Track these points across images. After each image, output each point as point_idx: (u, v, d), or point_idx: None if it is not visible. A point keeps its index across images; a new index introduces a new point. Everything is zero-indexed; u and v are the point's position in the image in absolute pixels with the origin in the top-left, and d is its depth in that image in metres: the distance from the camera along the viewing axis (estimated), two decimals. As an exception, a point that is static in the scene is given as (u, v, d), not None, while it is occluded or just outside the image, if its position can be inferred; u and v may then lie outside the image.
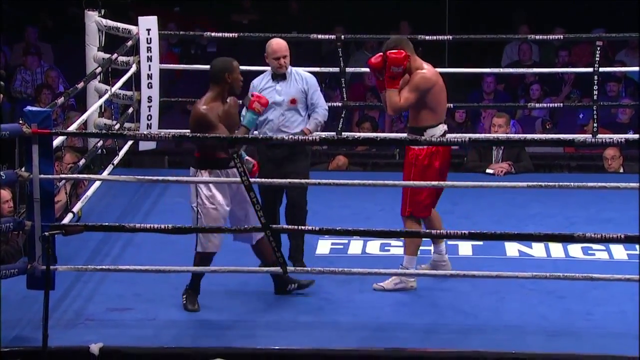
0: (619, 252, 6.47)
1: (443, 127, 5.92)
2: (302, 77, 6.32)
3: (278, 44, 6.30)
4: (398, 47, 5.84)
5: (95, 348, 5.08)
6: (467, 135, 8.11)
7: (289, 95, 6.26)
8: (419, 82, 5.83)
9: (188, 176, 5.73)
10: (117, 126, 8.06)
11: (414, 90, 5.83)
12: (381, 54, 5.87)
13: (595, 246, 6.52)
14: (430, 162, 5.87)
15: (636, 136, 8.49)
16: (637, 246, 6.34)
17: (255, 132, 6.36)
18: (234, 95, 5.70)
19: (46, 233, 5.12)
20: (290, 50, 6.32)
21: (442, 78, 6.00)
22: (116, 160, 7.85)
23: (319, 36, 8.36)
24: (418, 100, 5.83)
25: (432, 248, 6.12)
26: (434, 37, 8.24)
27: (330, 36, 8.50)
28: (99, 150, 7.89)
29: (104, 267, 6.05)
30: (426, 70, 5.89)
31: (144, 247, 6.46)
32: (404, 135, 6.48)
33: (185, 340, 5.25)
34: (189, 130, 5.66)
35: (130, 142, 8.20)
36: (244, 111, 5.77)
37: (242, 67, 5.82)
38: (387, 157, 9.54)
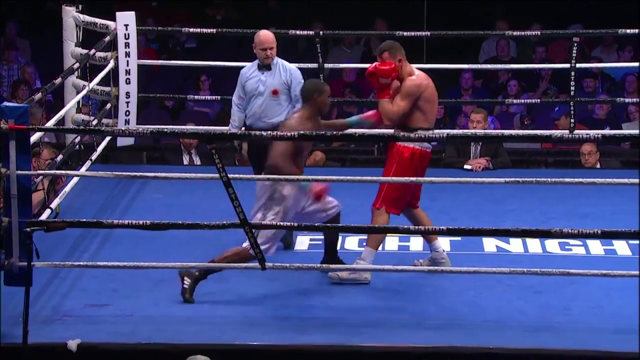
0: (596, 247, 6.51)
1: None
2: (287, 69, 6.55)
3: (266, 35, 6.58)
4: (388, 52, 5.94)
5: (73, 344, 5.06)
6: (445, 131, 8.12)
7: (271, 86, 6.50)
8: (410, 89, 5.92)
9: (167, 171, 5.71)
10: (95, 122, 8.04)
11: (405, 97, 5.91)
12: (376, 63, 5.98)
13: (572, 241, 6.55)
14: (412, 162, 5.91)
15: (613, 132, 8.55)
16: (638, 241, 6.30)
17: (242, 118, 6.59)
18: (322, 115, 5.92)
19: (27, 229, 5.08)
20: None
21: (438, 75, 6.07)
22: (94, 156, 7.82)
23: (298, 32, 8.35)
24: (411, 106, 5.89)
25: (410, 244, 6.14)
26: (412, 34, 8.25)
27: (308, 32, 8.50)
28: (77, 146, 7.86)
29: (81, 263, 6.02)
30: (416, 76, 5.97)
31: (121, 243, 6.45)
32: (384, 131, 6.50)
33: (163, 336, 5.24)
34: (167, 126, 5.64)
35: (108, 138, 8.17)
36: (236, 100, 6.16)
37: (221, 63, 5.84)
38: (365, 153, 9.56)
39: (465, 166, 8.34)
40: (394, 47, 6.01)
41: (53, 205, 6.72)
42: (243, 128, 6.64)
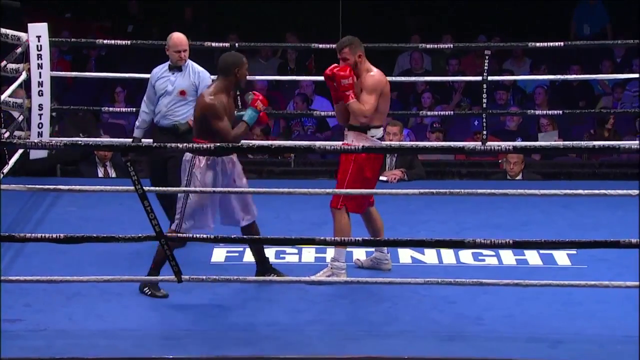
0: (508, 257, 6.61)
1: (382, 131, 6.14)
2: (196, 71, 6.78)
3: (179, 37, 6.79)
4: (348, 47, 6.00)
5: (-16, 360, 4.99)
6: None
7: (180, 87, 6.73)
8: (375, 84, 6.02)
9: (81, 184, 5.65)
10: (6, 134, 7.91)
11: (371, 92, 6.01)
12: (335, 65, 6.04)
13: (485, 252, 6.64)
14: (369, 158, 6.02)
15: (524, 143, 8.70)
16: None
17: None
18: (239, 90, 6.04)
19: None
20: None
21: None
22: (6, 169, 7.70)
23: (213, 44, 8.34)
24: (378, 100, 5.97)
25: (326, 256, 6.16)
26: (328, 46, 8.30)
27: (224, 44, 8.49)
28: (-12, 159, 7.74)
29: (-7, 277, 5.92)
30: (375, 72, 6.07)
31: (34, 257, 6.36)
32: (300, 142, 6.54)
33: (78, 351, 5.18)
34: (80, 138, 5.60)
35: (20, 151, 8.05)
36: (144, 104, 6.40)
37: (136, 75, 5.82)
38: (282, 165, 9.58)
39: (381, 177, 8.40)
40: (353, 42, 6.07)
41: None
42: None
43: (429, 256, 6.62)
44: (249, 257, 6.57)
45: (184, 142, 6.39)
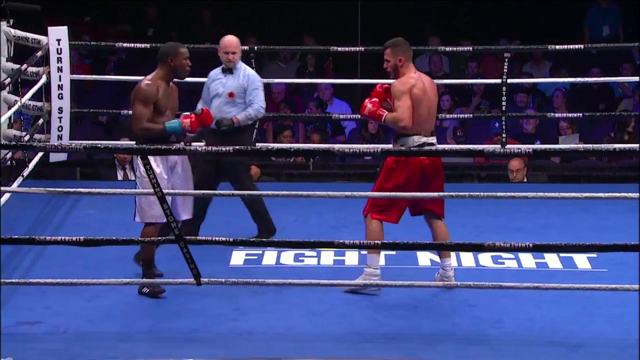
0: (528, 260, 6.60)
1: (419, 139, 5.96)
2: (246, 74, 6.91)
3: (228, 40, 6.93)
4: (390, 49, 5.95)
5: (4, 363, 5.01)
6: (380, 146, 8.18)
7: (229, 89, 6.82)
8: (398, 91, 5.89)
9: (101, 187, 5.67)
10: (27, 137, 7.95)
11: (398, 98, 5.88)
12: (365, 104, 5.96)
13: (504, 255, 6.62)
14: (396, 167, 5.93)
15: (544, 146, 8.67)
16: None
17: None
18: (179, 80, 6.00)
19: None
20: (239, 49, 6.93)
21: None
22: (26, 172, 7.74)
23: (232, 47, 8.33)
24: (410, 103, 5.86)
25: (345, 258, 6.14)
26: (346, 49, 8.31)
27: (243, 47, 8.49)
28: (8, 162, 7.77)
29: (13, 280, 5.95)
30: (405, 77, 5.93)
31: (54, 260, 6.38)
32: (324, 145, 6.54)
33: (97, 354, 5.20)
34: (100, 142, 5.64)
35: (40, 154, 8.09)
36: (199, 105, 6.54)
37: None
38: (301, 168, 9.58)
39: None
40: (397, 45, 5.99)
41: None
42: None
43: (448, 259, 6.59)
44: (268, 259, 6.58)
45: (231, 141, 6.50)
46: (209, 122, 6.05)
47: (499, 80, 8.29)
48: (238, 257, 6.61)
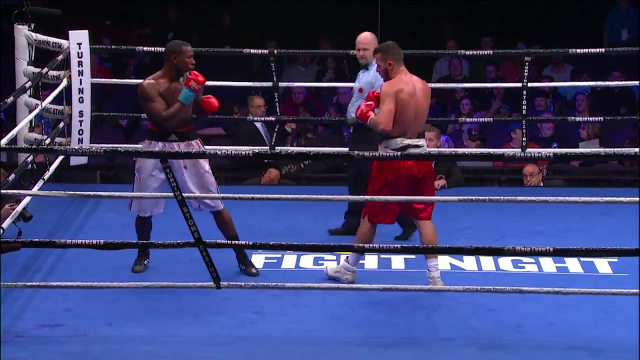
0: (548, 265, 6.57)
1: (402, 141, 5.97)
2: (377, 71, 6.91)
3: (361, 36, 7.02)
4: (381, 53, 6.01)
5: (25, 365, 5.03)
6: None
7: (359, 84, 6.95)
8: (384, 93, 5.96)
9: (121, 190, 5.70)
10: (47, 141, 7.98)
11: (383, 100, 5.95)
12: (360, 106, 6.06)
13: (524, 259, 6.60)
14: (381, 171, 5.97)
15: (564, 150, 8.63)
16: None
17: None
18: (181, 76, 6.09)
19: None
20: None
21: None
22: (47, 176, 7.77)
23: (252, 51, 8.37)
24: (395, 106, 5.89)
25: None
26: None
27: (263, 51, 8.51)
28: (29, 166, 7.80)
29: (34, 283, 5.98)
30: (393, 79, 5.97)
31: (75, 263, 6.40)
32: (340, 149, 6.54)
33: (117, 356, 5.21)
34: (121, 145, 5.69)
35: (61, 157, 8.12)
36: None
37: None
38: (320, 171, 9.58)
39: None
40: (386, 49, 6.05)
41: (5, 225, 6.65)
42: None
43: (468, 263, 6.59)
44: (287, 263, 6.59)
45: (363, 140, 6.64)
46: (202, 78, 6.06)
47: (519, 84, 8.27)
48: (257, 260, 6.61)
